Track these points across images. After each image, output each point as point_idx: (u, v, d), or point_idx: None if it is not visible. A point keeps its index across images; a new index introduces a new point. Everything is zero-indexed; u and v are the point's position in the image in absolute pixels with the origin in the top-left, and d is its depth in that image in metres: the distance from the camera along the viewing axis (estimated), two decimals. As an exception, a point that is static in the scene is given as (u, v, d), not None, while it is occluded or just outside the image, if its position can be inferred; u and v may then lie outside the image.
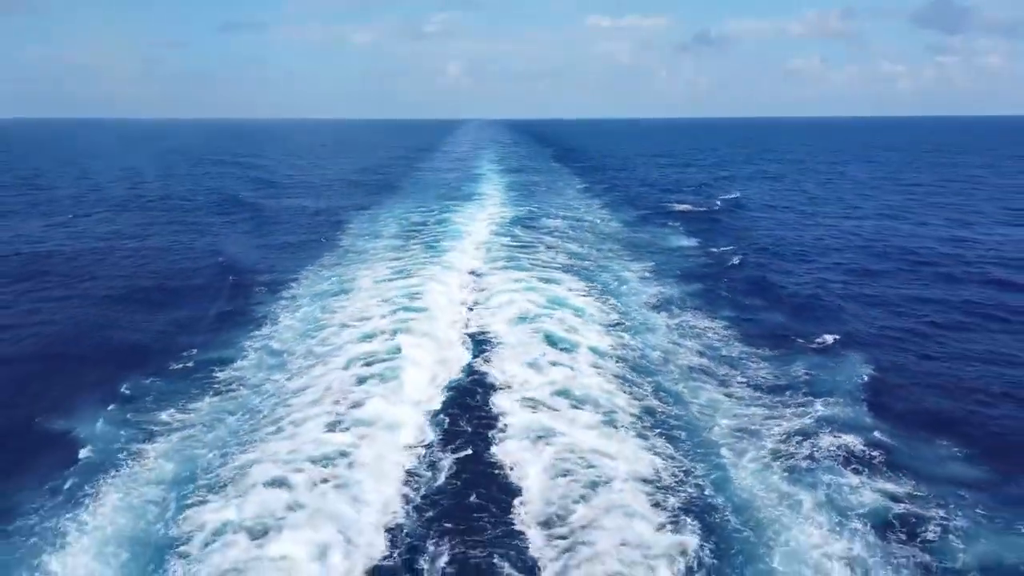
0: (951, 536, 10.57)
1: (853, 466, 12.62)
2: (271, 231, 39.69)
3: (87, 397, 16.12)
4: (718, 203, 49.07)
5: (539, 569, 10.20)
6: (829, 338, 19.37)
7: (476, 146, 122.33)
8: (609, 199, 51.65)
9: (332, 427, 14.10)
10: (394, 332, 19.20)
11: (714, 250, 33.09)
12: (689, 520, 11.14)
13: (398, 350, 17.84)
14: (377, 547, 10.67)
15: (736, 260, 30.41)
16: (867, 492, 11.77)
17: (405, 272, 26.46)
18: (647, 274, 27.79)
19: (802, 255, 32.24)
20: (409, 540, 10.86)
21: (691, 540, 10.67)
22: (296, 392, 16.17)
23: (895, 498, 11.60)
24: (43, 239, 37.34)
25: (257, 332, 21.07)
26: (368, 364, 17.23)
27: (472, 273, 26.61)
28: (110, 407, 15.66)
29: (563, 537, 10.85)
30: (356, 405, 14.99)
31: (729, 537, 10.82)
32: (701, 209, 46.59)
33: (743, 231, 38.66)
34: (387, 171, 77.34)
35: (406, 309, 21.50)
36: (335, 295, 24.37)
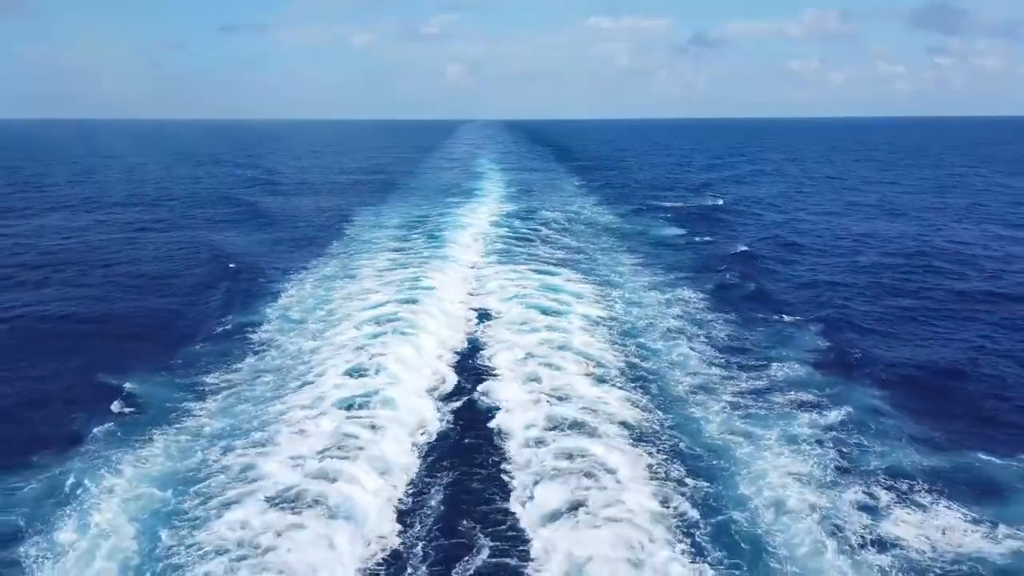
0: (870, 454, 13.26)
1: (801, 407, 15.14)
2: (278, 225, 41.18)
3: (137, 358, 18.47)
4: (712, 200, 51.06)
5: (526, 497, 12.03)
6: (789, 317, 21.97)
7: (477, 146, 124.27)
8: (605, 196, 53.54)
9: (354, 378, 16.38)
10: (403, 303, 21.57)
11: (698, 240, 35.36)
12: (665, 455, 13.19)
13: (406, 320, 20.09)
14: (392, 482, 12.50)
15: (724, 251, 32.53)
16: (810, 428, 14.19)
17: (409, 263, 28.30)
18: (639, 262, 29.88)
19: (786, 246, 34.27)
20: (419, 475, 12.83)
21: (668, 470, 12.69)
22: (318, 350, 18.42)
23: (831, 428, 14.20)
24: (65, 233, 39.16)
25: (275, 303, 23.42)
26: (379, 324, 19.73)
27: (473, 266, 28.23)
28: (157, 365, 18.00)
29: (546, 468, 12.75)
30: (372, 360, 17.20)
31: (702, 466, 12.93)
32: (695, 205, 48.49)
33: (734, 225, 40.86)
34: (389, 170, 79.12)
35: (412, 288, 23.69)
36: (344, 278, 26.30)
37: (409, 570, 10.33)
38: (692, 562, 10.20)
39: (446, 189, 55.87)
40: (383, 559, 10.52)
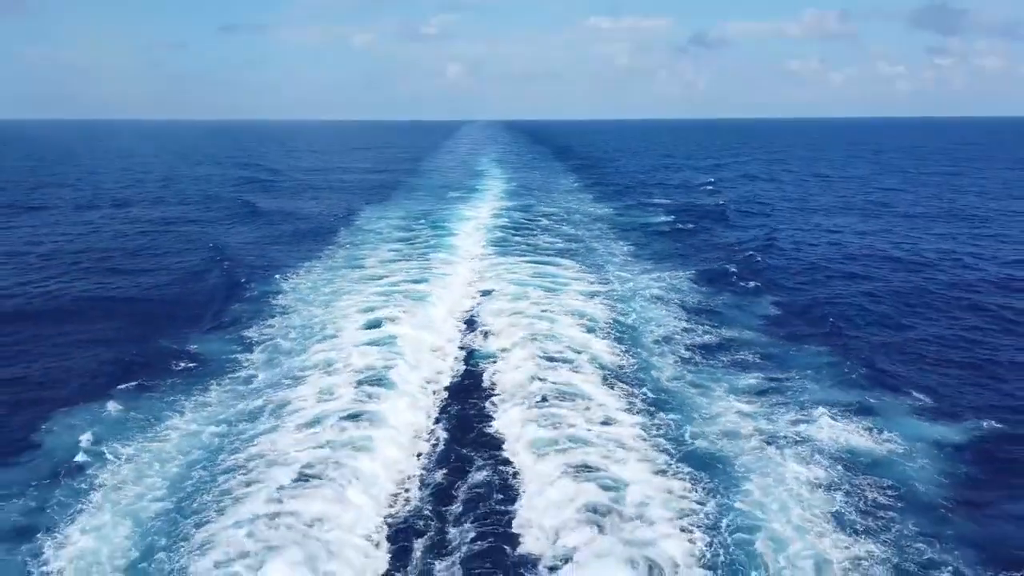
0: (805, 397, 15.97)
1: (747, 364, 17.98)
2: (282, 221, 42.35)
3: (186, 325, 21.33)
4: (706, 197, 53.24)
5: (516, 424, 14.45)
6: (751, 283, 26.04)
7: (478, 144, 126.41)
8: (602, 192, 55.69)
9: (371, 330, 19.39)
10: (411, 283, 24.24)
11: (689, 232, 37.88)
12: (636, 390, 15.96)
13: (416, 292, 23.09)
14: (411, 412, 14.95)
15: (713, 241, 35.28)
16: (753, 380, 16.93)
17: (414, 252, 30.55)
18: (632, 251, 32.55)
19: (769, 239, 36.36)
20: (433, 406, 15.52)
21: (642, 406, 15.26)
22: (335, 312, 21.37)
23: (773, 379, 17.02)
24: (89, 225, 41.34)
25: (289, 281, 26.06)
26: (387, 296, 22.58)
27: (475, 256, 30.15)
28: (202, 328, 21.14)
29: (535, 396, 15.45)
30: (387, 317, 20.19)
31: (670, 404, 15.50)
32: (690, 202, 50.43)
33: (725, 219, 43.22)
34: (391, 168, 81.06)
35: (420, 270, 26.34)
36: (352, 267, 28.24)
37: (426, 479, 12.81)
38: (660, 474, 12.57)
39: (448, 186, 57.88)
40: (407, 471, 13.01)
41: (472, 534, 11.16)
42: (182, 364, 18.00)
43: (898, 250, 33.04)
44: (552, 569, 10.26)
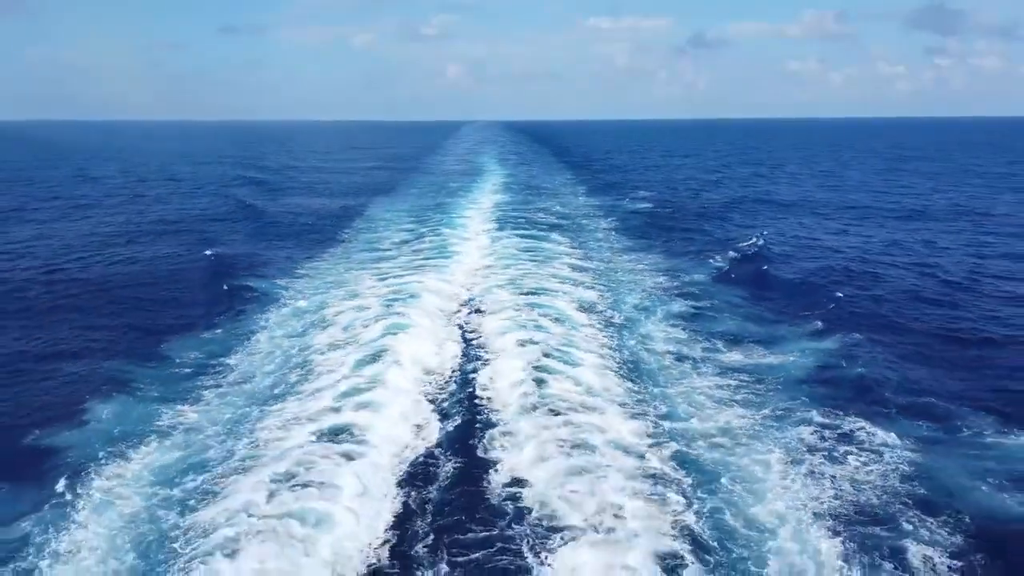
0: (715, 324, 20.99)
1: (683, 293, 23.93)
2: (289, 217, 43.01)
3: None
4: (693, 191, 55.69)
5: (502, 323, 19.29)
6: (732, 253, 30.75)
7: (480, 143, 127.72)
8: (595, 187, 58.21)
9: (389, 285, 23.89)
10: (424, 261, 27.78)
11: (669, 216, 41.78)
12: (617, 330, 19.92)
13: (428, 266, 26.88)
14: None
15: (689, 224, 39.22)
16: (683, 307, 22.32)
17: (424, 233, 33.52)
18: (616, 227, 37.11)
19: (739, 224, 39.74)
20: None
21: (607, 320, 20.39)
22: (355, 277, 25.77)
23: (698, 309, 22.33)
24: (108, 222, 42.68)
25: (322, 263, 28.87)
26: (403, 269, 26.50)
27: (480, 233, 33.48)
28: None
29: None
30: (408, 285, 23.86)
31: (627, 324, 20.30)
32: (678, 196, 52.95)
33: (702, 206, 46.80)
34: (393, 167, 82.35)
35: (430, 252, 29.47)
36: (364, 251, 30.69)
37: (441, 369, 17.06)
38: (610, 372, 16.69)
39: (450, 182, 59.30)
40: (431, 364, 17.16)
41: (464, 408, 14.99)
42: (245, 305, 22.51)
43: (838, 234, 37.06)
44: (505, 437, 13.61)
